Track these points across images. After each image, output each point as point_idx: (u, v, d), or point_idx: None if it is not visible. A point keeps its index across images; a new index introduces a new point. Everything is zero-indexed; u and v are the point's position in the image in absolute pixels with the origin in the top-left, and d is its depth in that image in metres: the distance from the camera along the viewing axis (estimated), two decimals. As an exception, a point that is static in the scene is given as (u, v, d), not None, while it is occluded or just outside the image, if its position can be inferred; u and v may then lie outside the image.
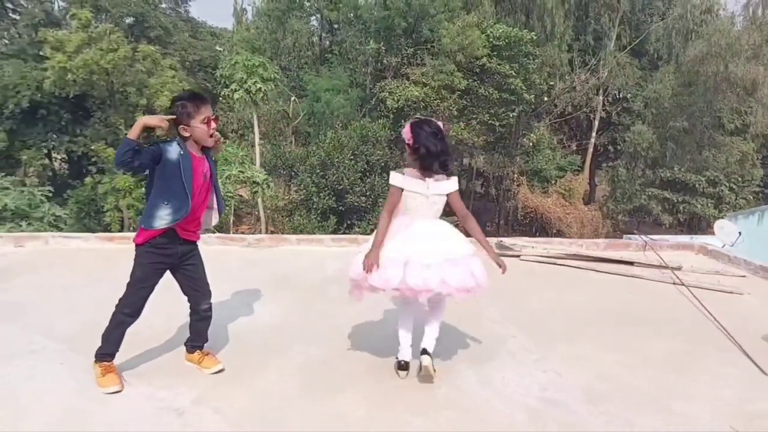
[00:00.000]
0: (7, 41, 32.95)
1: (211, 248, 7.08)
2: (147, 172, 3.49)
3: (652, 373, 4.11)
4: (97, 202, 25.27)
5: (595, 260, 7.17)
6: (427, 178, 3.71)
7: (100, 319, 4.44)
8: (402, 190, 3.70)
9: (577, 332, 4.81)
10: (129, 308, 3.57)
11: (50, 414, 3.27)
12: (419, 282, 3.51)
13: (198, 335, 3.92)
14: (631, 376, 4.04)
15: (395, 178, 3.74)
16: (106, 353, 3.62)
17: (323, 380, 3.82)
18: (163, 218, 3.47)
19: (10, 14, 32.57)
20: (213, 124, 3.56)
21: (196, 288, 3.78)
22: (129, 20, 32.53)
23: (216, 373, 3.83)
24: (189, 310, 3.86)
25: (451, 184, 3.80)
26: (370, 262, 3.57)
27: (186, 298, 3.83)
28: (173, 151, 3.44)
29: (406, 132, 3.81)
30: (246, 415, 3.34)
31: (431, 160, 3.69)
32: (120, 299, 3.60)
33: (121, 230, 23.76)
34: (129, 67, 27.28)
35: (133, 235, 6.19)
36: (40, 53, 27.83)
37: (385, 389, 3.72)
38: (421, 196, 3.71)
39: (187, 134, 3.51)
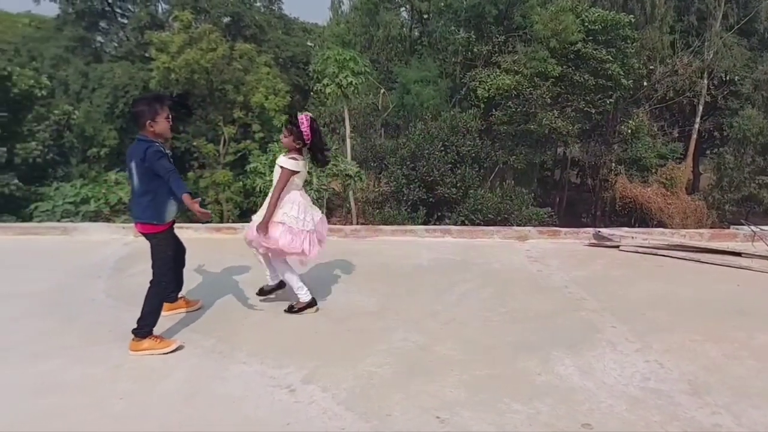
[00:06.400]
0: (116, 44, 35.20)
1: (311, 238, 7.37)
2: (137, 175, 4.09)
3: (761, 365, 3.95)
4: (198, 195, 26.59)
5: (700, 251, 6.88)
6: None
7: (215, 301, 4.79)
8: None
9: (680, 323, 4.68)
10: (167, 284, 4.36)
11: (176, 389, 3.59)
12: None
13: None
14: (738, 368, 3.91)
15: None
16: (152, 329, 4.16)
17: (423, 364, 3.94)
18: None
19: (119, 18, 34.73)
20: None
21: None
22: (226, 20, 33.86)
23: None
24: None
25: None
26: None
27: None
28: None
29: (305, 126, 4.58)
30: (352, 394, 3.51)
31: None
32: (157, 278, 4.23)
33: (220, 222, 24.86)
34: (227, 66, 28.47)
35: (236, 226, 6.63)
36: (146, 55, 29.57)
37: (484, 375, 3.79)
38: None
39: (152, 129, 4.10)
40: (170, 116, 4.16)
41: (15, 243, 7.05)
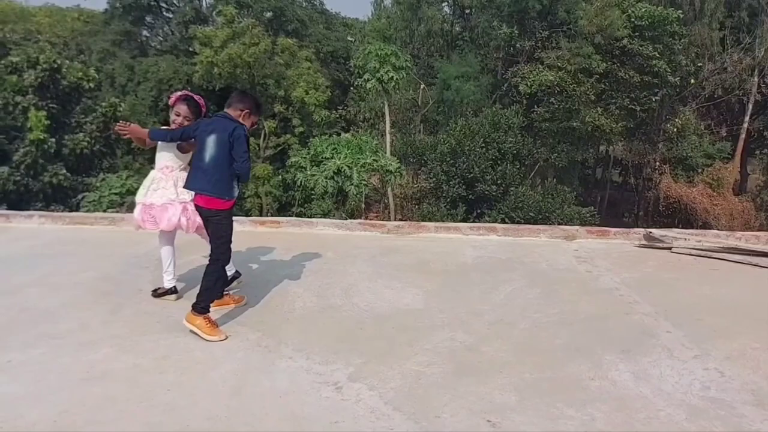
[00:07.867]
0: (161, 39, 35.82)
1: (354, 234, 7.34)
2: (219, 149, 4.18)
3: (831, 378, 3.76)
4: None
5: (758, 254, 6.62)
6: None
7: (260, 295, 4.77)
8: None
9: (739, 329, 4.48)
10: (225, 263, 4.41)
11: (222, 381, 3.57)
12: None
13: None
14: (806, 380, 3.72)
15: None
16: (209, 305, 4.20)
17: (471, 365, 3.84)
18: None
19: (164, 13, 35.32)
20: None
21: None
22: (268, 15, 34.11)
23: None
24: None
25: None
26: None
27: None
28: None
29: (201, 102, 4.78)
30: (399, 394, 3.44)
31: None
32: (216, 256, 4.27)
33: (260, 215, 25.07)
34: (268, 60, 28.69)
35: (280, 220, 6.61)
36: (190, 49, 30.01)
37: (534, 378, 3.68)
38: None
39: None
40: (254, 124, 4.55)
41: (65, 232, 7.19)
